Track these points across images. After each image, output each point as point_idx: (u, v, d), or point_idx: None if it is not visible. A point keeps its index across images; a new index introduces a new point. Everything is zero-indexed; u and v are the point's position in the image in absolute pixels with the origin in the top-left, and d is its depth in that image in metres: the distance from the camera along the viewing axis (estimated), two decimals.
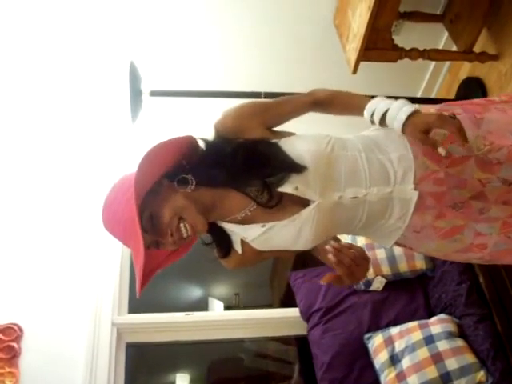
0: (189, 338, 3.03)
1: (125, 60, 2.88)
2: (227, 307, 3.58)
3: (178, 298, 3.52)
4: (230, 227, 1.48)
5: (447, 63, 3.48)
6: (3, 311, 2.76)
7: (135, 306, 3.01)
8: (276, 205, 1.40)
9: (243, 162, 1.39)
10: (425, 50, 2.99)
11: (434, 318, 2.67)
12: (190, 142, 1.43)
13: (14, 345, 2.68)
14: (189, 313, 3.02)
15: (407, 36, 3.21)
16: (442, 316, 2.66)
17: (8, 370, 2.61)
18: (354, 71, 2.98)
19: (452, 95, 3.38)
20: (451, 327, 2.59)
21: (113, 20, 3.10)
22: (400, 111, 1.39)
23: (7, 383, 2.57)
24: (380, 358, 2.65)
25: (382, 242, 1.60)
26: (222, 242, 1.51)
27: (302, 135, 1.47)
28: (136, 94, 2.91)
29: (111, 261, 2.96)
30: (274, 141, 1.44)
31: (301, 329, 3.03)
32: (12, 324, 2.73)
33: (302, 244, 1.46)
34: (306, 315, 2.97)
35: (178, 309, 3.13)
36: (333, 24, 3.25)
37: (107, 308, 2.89)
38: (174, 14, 3.14)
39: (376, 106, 1.45)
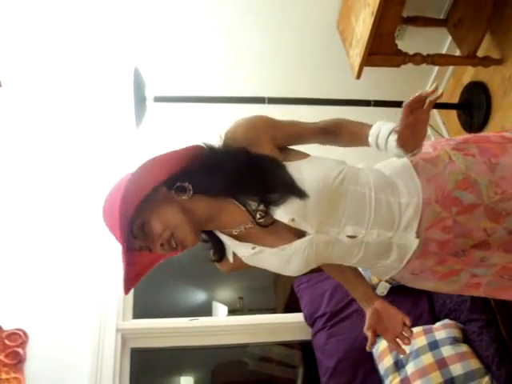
0: (193, 344, 3.03)
1: (129, 66, 2.89)
2: (231, 311, 3.58)
3: (181, 303, 3.52)
4: (224, 239, 1.48)
5: (451, 68, 3.48)
6: (9, 317, 2.76)
7: (139, 312, 3.02)
8: (270, 224, 1.38)
9: (244, 172, 1.37)
10: (428, 54, 2.99)
11: (438, 324, 2.66)
12: (197, 150, 1.42)
13: (20, 350, 2.68)
14: (193, 318, 3.02)
15: (410, 41, 3.21)
16: (447, 321, 2.65)
17: (13, 375, 2.61)
18: (358, 76, 2.98)
19: (455, 99, 3.37)
20: (456, 333, 2.58)
21: (117, 26, 3.11)
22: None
23: None
24: (384, 364, 2.65)
25: (376, 275, 1.62)
26: (217, 247, 1.52)
27: (315, 160, 1.44)
28: (140, 100, 2.92)
29: (116, 266, 2.96)
30: (280, 160, 1.41)
31: (305, 334, 3.03)
32: (17, 329, 2.74)
33: (291, 271, 1.46)
34: (311, 320, 2.97)
35: (182, 313, 3.14)
36: (336, 29, 3.26)
37: (112, 313, 2.90)
38: (178, 20, 3.14)
39: (379, 129, 1.43)
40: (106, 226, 1.36)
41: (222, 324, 3.08)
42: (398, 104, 3.35)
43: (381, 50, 2.91)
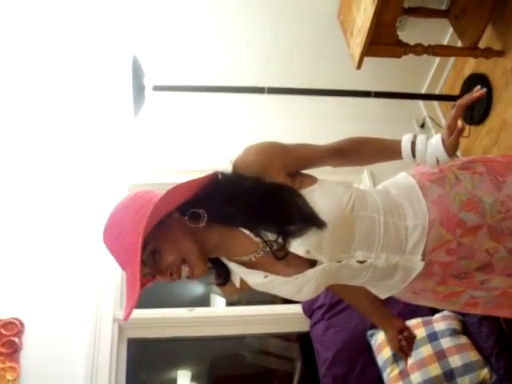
0: (191, 334, 3.00)
1: (128, 54, 2.87)
2: (229, 303, 3.55)
3: (179, 294, 3.48)
4: (231, 266, 1.44)
5: (452, 59, 3.46)
6: (4, 306, 2.73)
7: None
8: (284, 257, 1.35)
9: (261, 203, 1.32)
10: (429, 45, 2.98)
11: (437, 315, 2.64)
12: (212, 178, 1.37)
13: (15, 339, 2.65)
14: (191, 308, 3.00)
15: (412, 32, 3.20)
16: (446, 313, 2.63)
17: (9, 364, 2.59)
18: (359, 66, 2.97)
19: (457, 91, 3.36)
20: (455, 324, 2.56)
21: (116, 15, 3.09)
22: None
23: (8, 378, 2.55)
24: (383, 355, 2.63)
25: (376, 293, 1.60)
26: (222, 274, 1.48)
27: (323, 186, 1.41)
28: (139, 89, 2.91)
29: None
30: (296, 190, 1.38)
31: (303, 325, 3.01)
32: (13, 319, 2.71)
33: (301, 297, 1.44)
34: (309, 311, 2.95)
35: (180, 305, 3.10)
36: (337, 19, 3.24)
37: (109, 303, 2.86)
38: (177, 8, 3.13)
39: (414, 137, 1.45)
40: (109, 249, 1.30)
41: (219, 314, 3.04)
42: (398, 95, 3.38)
43: (382, 39, 2.89)
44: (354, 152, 1.50)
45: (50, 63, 3.15)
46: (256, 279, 1.42)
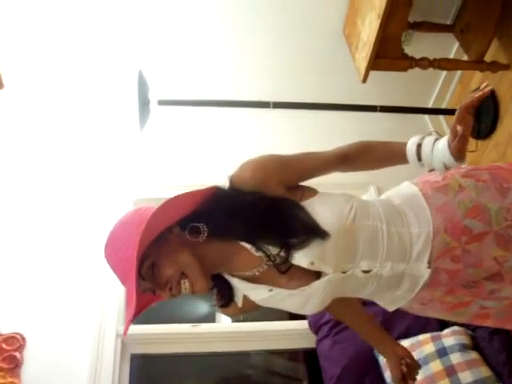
0: (195, 350, 2.96)
1: (133, 69, 2.88)
2: (235, 320, 3.50)
3: (184, 312, 3.44)
4: (234, 282, 1.41)
5: (458, 73, 3.46)
6: (6, 320, 2.70)
7: (140, 317, 2.94)
8: (287, 271, 1.33)
9: (263, 216, 1.30)
10: (435, 59, 2.97)
11: (446, 330, 2.59)
12: (212, 192, 1.35)
13: (17, 354, 2.62)
14: (195, 324, 2.95)
15: (417, 46, 3.19)
16: (455, 328, 2.58)
17: (10, 380, 2.54)
18: (364, 80, 2.96)
19: None
20: (465, 339, 2.51)
21: (121, 29, 3.11)
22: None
23: None
24: None
25: (384, 305, 1.57)
26: (224, 292, 1.45)
27: (324, 197, 1.39)
28: (144, 103, 2.91)
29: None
30: (297, 201, 1.36)
31: (309, 341, 2.96)
32: (15, 333, 2.68)
33: (307, 311, 1.41)
34: (315, 327, 2.90)
35: (185, 322, 3.06)
36: (342, 33, 3.25)
37: (112, 318, 2.83)
38: (183, 24, 3.15)
39: (420, 141, 1.40)
40: (110, 265, 1.29)
41: (224, 330, 3.00)
42: (404, 110, 3.36)
43: (387, 53, 2.89)
44: (360, 157, 1.47)
45: (55, 76, 3.17)
46: (260, 294, 1.39)
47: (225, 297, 1.45)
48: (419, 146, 1.40)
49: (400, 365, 1.72)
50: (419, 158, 1.40)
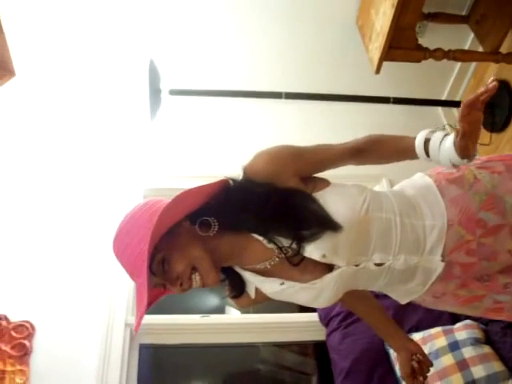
0: (204, 341, 2.93)
1: (144, 58, 2.87)
2: (245, 311, 3.49)
3: (194, 304, 3.43)
4: (246, 275, 1.40)
5: (473, 65, 3.42)
6: (16, 308, 2.70)
7: (150, 307, 2.94)
8: (300, 262, 1.31)
9: (275, 208, 1.29)
10: (450, 50, 2.93)
11: (458, 324, 2.55)
12: (222, 185, 1.34)
13: (26, 342, 2.62)
14: (204, 315, 2.94)
15: (431, 37, 3.16)
16: (468, 322, 2.55)
17: (19, 367, 2.54)
18: (377, 71, 2.93)
19: None
20: (477, 333, 2.47)
21: (133, 18, 3.10)
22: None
23: (17, 381, 2.50)
24: None
25: (396, 298, 1.55)
26: (236, 284, 1.44)
27: (337, 188, 1.37)
28: (155, 93, 2.90)
29: None
30: (309, 193, 1.34)
31: (319, 334, 2.94)
32: (24, 321, 2.68)
33: (319, 304, 1.40)
34: (325, 320, 2.88)
35: (194, 313, 3.05)
36: (355, 24, 3.22)
37: (121, 308, 2.82)
38: (195, 12, 3.14)
39: (429, 136, 1.36)
40: (119, 260, 1.28)
41: (234, 322, 2.98)
42: (418, 102, 3.33)
43: (401, 44, 2.86)
44: (371, 152, 1.45)
45: (66, 65, 3.16)
46: (272, 287, 1.38)
47: (236, 288, 1.44)
48: (427, 141, 1.35)
49: (410, 360, 1.68)
50: (427, 154, 1.37)
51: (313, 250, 1.29)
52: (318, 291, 1.35)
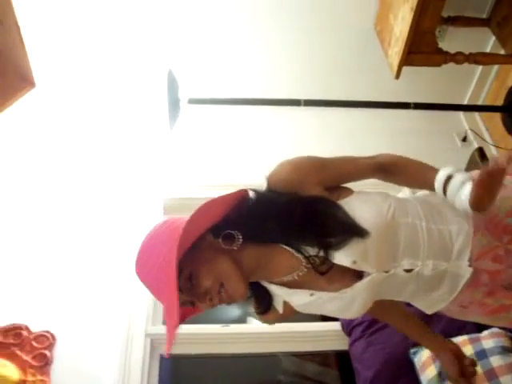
0: (225, 351, 2.92)
1: (163, 68, 2.88)
2: None
3: (215, 315, 3.41)
4: (273, 288, 1.37)
5: (495, 68, 3.36)
6: (37, 319, 2.71)
7: None
8: (328, 271, 1.28)
9: (299, 217, 1.27)
10: (470, 53, 2.88)
11: (485, 332, 2.48)
12: (243, 196, 1.32)
13: (47, 353, 2.62)
14: (225, 325, 2.91)
15: (452, 41, 3.11)
16: (495, 330, 2.47)
17: (39, 377, 2.54)
18: (397, 76, 2.89)
19: (500, 102, 3.25)
20: (505, 342, 2.40)
21: (151, 28, 3.12)
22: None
23: None
24: (427, 374, 2.47)
25: (422, 308, 1.50)
26: (263, 300, 1.41)
27: (361, 196, 1.36)
28: (174, 102, 2.90)
29: None
30: (334, 200, 1.32)
31: (342, 343, 2.89)
32: (45, 332, 2.68)
33: (350, 315, 1.37)
34: (348, 329, 2.83)
35: (215, 323, 3.02)
36: (373, 30, 3.20)
37: (141, 318, 2.81)
38: (212, 21, 3.15)
39: (450, 175, 1.32)
40: (144, 281, 1.24)
41: (254, 331, 2.94)
42: (439, 106, 3.28)
43: (421, 48, 2.82)
44: (395, 176, 1.44)
45: (85, 75, 3.18)
46: (301, 299, 1.35)
47: (264, 304, 1.41)
48: (448, 179, 1.32)
49: (455, 360, 1.62)
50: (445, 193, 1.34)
51: (342, 257, 1.26)
52: (348, 301, 1.32)
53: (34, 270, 2.87)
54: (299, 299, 1.35)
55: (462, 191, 1.29)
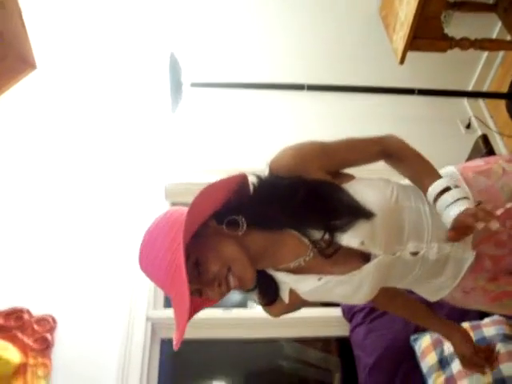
0: (226, 336, 2.91)
1: (165, 51, 2.85)
2: None
3: None
4: (280, 276, 1.36)
5: (500, 55, 3.34)
6: (38, 302, 2.70)
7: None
8: (333, 254, 1.28)
9: (303, 201, 1.26)
10: (476, 39, 2.86)
11: (487, 319, 2.49)
12: (242, 180, 1.31)
13: (48, 336, 2.62)
14: (226, 309, 2.91)
15: (458, 27, 3.08)
16: (496, 317, 2.48)
17: (41, 360, 2.55)
18: (402, 61, 2.88)
19: (505, 89, 3.23)
20: (506, 329, 2.40)
21: (154, 11, 3.09)
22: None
23: (39, 374, 2.50)
24: (428, 361, 2.48)
25: (426, 296, 1.51)
26: (269, 290, 1.39)
27: (364, 181, 1.35)
28: (176, 86, 2.89)
29: None
30: (337, 184, 1.32)
31: (343, 329, 2.89)
32: (46, 315, 2.68)
33: (358, 299, 1.36)
34: (349, 315, 2.83)
35: (216, 307, 3.03)
36: (378, 15, 3.17)
37: (142, 302, 2.80)
38: (216, 5, 3.11)
39: (444, 187, 1.30)
40: (149, 273, 1.23)
41: (256, 316, 2.93)
42: (443, 93, 3.26)
43: (426, 33, 2.80)
44: (398, 162, 1.42)
45: (87, 58, 3.16)
46: (309, 284, 1.34)
47: (270, 293, 1.40)
48: (442, 192, 1.29)
49: (467, 341, 1.64)
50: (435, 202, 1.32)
51: (350, 239, 1.26)
52: (356, 284, 1.31)
53: (36, 253, 2.87)
54: (307, 285, 1.34)
55: (452, 208, 1.26)
